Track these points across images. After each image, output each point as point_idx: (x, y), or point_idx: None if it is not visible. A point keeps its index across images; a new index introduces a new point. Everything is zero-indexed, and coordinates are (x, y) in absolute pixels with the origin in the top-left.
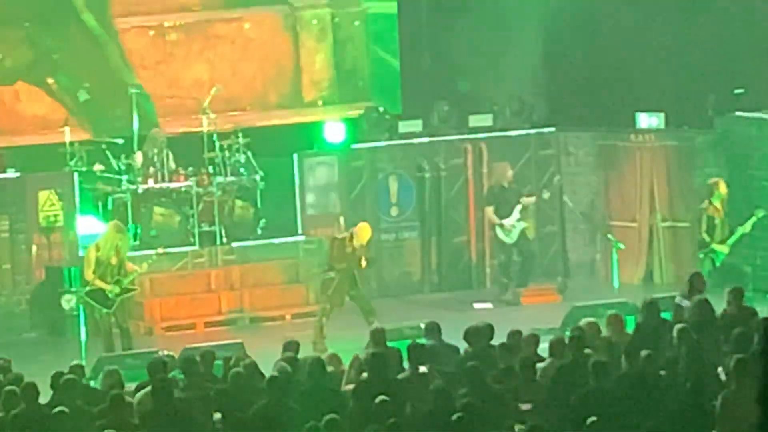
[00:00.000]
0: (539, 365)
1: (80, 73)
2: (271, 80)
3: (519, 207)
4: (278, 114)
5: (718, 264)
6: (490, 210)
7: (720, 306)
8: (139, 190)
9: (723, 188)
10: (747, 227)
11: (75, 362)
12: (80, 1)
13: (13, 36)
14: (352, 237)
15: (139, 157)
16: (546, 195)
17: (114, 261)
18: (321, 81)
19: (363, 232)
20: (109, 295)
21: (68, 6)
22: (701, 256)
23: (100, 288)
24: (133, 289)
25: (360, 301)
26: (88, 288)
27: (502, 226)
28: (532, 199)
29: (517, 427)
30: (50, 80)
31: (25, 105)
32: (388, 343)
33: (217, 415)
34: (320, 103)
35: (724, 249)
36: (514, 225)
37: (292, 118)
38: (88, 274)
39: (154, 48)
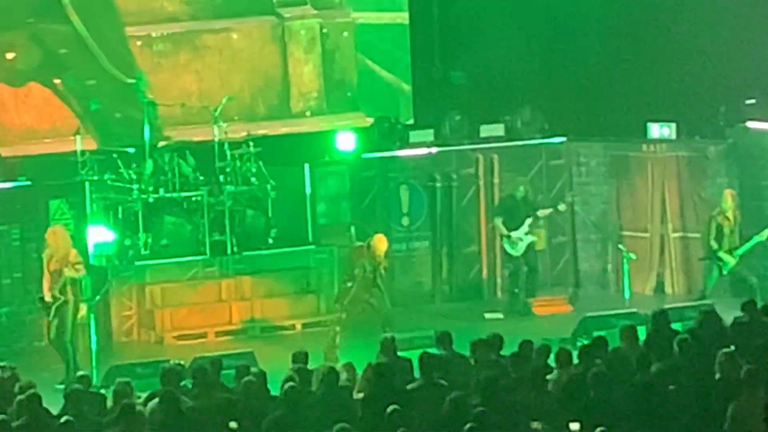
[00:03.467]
0: (550, 376)
1: (83, 72)
2: (259, 91)
3: (529, 220)
4: (266, 125)
5: (725, 271)
6: (499, 221)
7: (726, 315)
8: (150, 199)
9: (729, 200)
10: (763, 235)
11: (81, 372)
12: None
13: (20, 35)
14: (369, 247)
15: (150, 166)
16: (562, 207)
17: (51, 267)
18: (309, 92)
19: (380, 243)
20: (48, 304)
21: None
22: (707, 262)
23: (42, 296)
24: (60, 299)
25: (381, 309)
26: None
27: (509, 237)
28: (548, 210)
29: None
30: (57, 81)
31: (12, 115)
32: (399, 353)
33: (233, 424)
34: (308, 113)
35: (730, 258)
36: (521, 238)
37: (281, 129)
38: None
39: (142, 58)
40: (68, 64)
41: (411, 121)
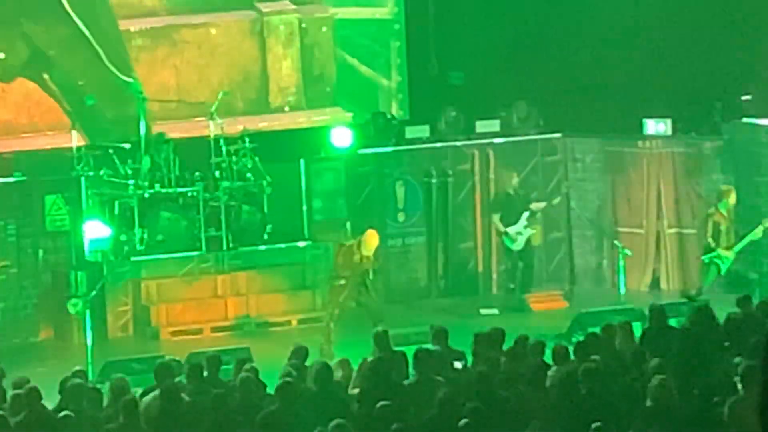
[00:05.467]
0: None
1: (75, 71)
2: (237, 86)
3: (526, 214)
4: (244, 120)
5: (723, 270)
6: (496, 218)
7: (726, 312)
8: (146, 195)
9: (733, 199)
10: (758, 233)
11: (78, 367)
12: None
13: (9, 33)
14: (359, 244)
15: (146, 162)
16: (556, 200)
17: None
18: (288, 87)
19: (371, 239)
20: None
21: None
22: (706, 261)
23: None
24: None
25: (370, 307)
26: None
27: (507, 233)
28: (542, 204)
29: None
30: (45, 75)
31: None
32: (395, 348)
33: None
34: (287, 108)
35: (729, 255)
36: (520, 232)
37: (259, 124)
38: None
39: None
40: (56, 63)
41: (397, 114)
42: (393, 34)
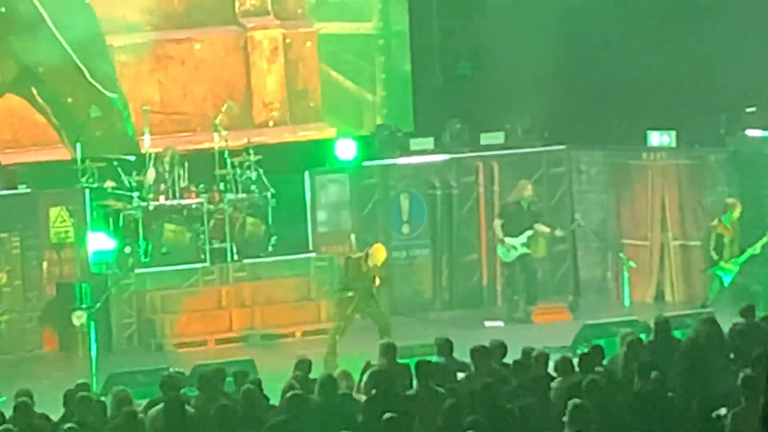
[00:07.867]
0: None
1: (63, 88)
2: (221, 101)
3: (529, 233)
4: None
5: (726, 283)
6: (498, 223)
7: (729, 324)
8: (150, 207)
9: (737, 212)
10: (757, 248)
11: (80, 381)
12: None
13: None
14: (367, 257)
15: (150, 174)
16: (559, 233)
17: None
18: (272, 102)
19: (378, 252)
20: None
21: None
22: (709, 274)
23: None
24: None
25: (378, 319)
26: None
27: (502, 242)
28: (546, 229)
29: None
30: (34, 90)
31: None
32: (399, 360)
33: None
34: (271, 124)
35: (732, 268)
36: (515, 246)
37: (242, 139)
38: None
39: None
40: (45, 79)
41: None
42: (378, 49)
